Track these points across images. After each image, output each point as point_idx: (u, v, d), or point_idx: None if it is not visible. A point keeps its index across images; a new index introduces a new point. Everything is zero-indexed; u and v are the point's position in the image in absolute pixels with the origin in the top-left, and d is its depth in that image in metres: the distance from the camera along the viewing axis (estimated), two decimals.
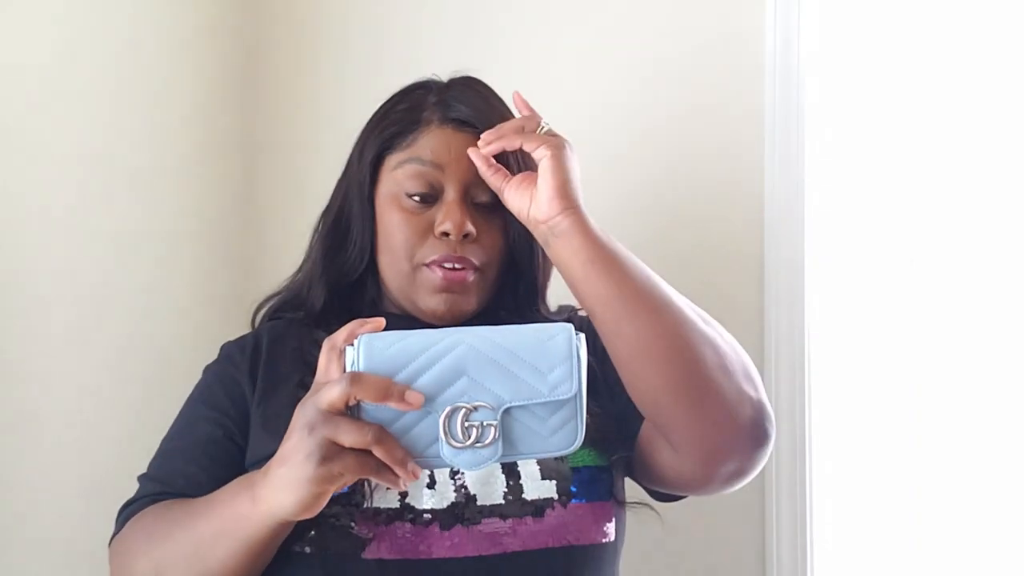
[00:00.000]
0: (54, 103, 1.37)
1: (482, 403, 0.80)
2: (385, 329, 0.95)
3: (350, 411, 0.81)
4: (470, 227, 1.06)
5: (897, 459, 1.38)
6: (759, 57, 1.44)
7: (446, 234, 1.06)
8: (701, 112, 1.48)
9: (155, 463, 1.07)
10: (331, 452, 0.79)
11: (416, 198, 1.08)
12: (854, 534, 1.40)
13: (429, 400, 0.79)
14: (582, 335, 0.84)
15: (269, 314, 1.17)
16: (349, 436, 0.79)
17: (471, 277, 1.07)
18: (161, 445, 1.09)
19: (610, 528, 1.01)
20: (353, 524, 0.94)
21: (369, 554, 0.93)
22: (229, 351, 1.13)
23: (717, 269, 1.45)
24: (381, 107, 1.15)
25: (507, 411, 0.81)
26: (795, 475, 1.38)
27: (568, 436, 0.82)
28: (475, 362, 0.80)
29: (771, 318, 1.41)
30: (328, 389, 0.80)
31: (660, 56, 1.50)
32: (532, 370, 0.81)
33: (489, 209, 1.09)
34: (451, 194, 1.08)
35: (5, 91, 1.30)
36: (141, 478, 1.06)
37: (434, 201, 1.09)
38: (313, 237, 1.16)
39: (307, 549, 0.94)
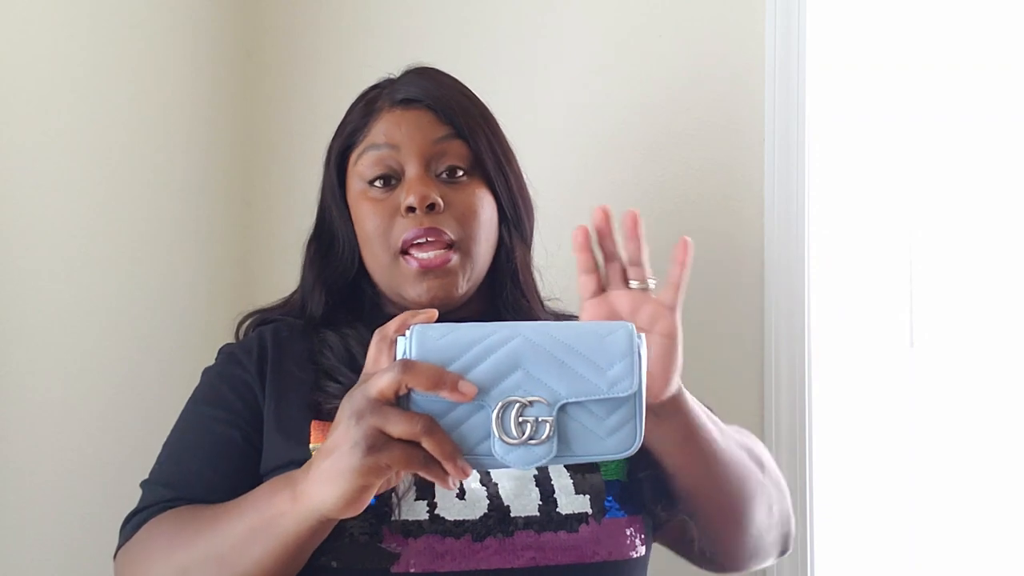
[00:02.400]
0: (52, 106, 1.37)
1: (537, 398, 0.75)
2: None
3: (399, 402, 0.77)
4: (434, 196, 1.04)
5: (898, 459, 1.38)
6: (759, 57, 1.44)
7: (411, 209, 1.04)
8: (701, 113, 1.48)
9: (163, 469, 1.03)
10: (378, 442, 0.75)
11: (378, 182, 1.07)
12: (854, 534, 1.40)
13: (482, 393, 0.75)
14: (643, 335, 0.79)
15: (258, 322, 1.14)
16: (398, 426, 0.74)
17: (452, 259, 1.05)
18: (165, 450, 1.04)
19: (641, 544, 0.99)
20: (381, 538, 0.91)
21: (398, 568, 0.91)
22: (232, 353, 1.09)
23: (717, 270, 1.45)
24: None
25: (563, 409, 0.75)
26: (795, 475, 1.38)
27: (626, 438, 0.76)
28: (531, 355, 0.76)
29: (771, 318, 1.41)
30: (378, 377, 0.76)
31: (660, 57, 1.50)
32: (590, 365, 0.76)
33: (457, 182, 1.07)
34: (411, 170, 1.06)
35: (2, 93, 1.30)
36: (146, 484, 1.02)
37: (398, 183, 1.07)
38: (304, 260, 1.15)
39: (333, 564, 0.91)
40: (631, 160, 1.51)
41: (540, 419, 0.75)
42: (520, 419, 0.75)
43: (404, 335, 0.78)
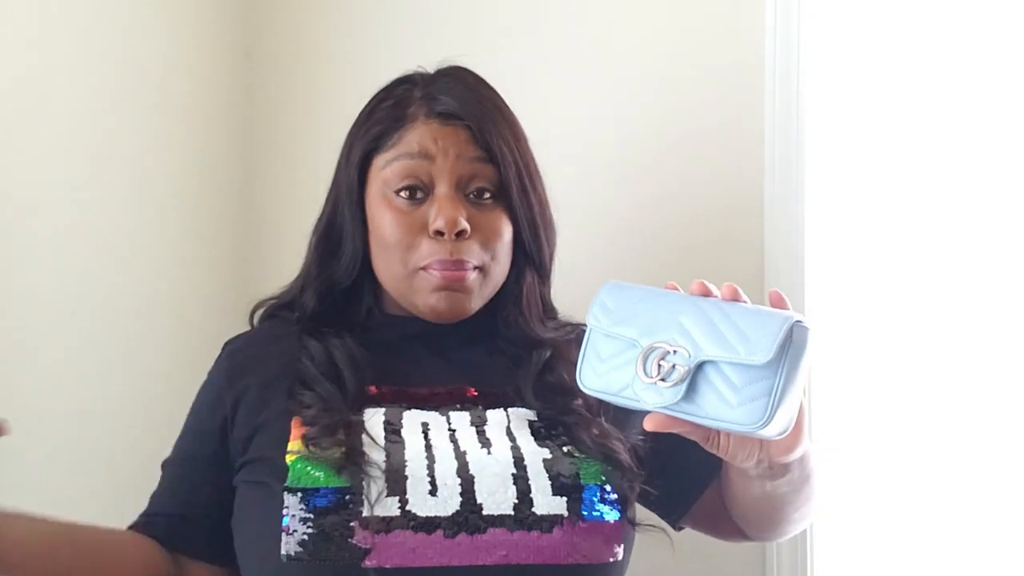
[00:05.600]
0: (52, 106, 1.37)
1: (681, 347, 0.80)
2: (386, 330, 1.09)
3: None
4: (464, 223, 1.03)
5: (898, 458, 1.38)
6: (759, 58, 1.44)
7: (440, 232, 1.03)
8: (701, 114, 1.48)
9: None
10: None
11: (405, 194, 1.05)
12: (854, 534, 1.40)
13: (642, 337, 0.82)
14: (810, 331, 0.80)
15: (266, 315, 1.15)
16: None
17: (471, 276, 1.05)
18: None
19: (619, 548, 0.98)
20: (352, 533, 0.91)
21: (369, 563, 0.91)
22: (211, 377, 1.12)
23: (717, 268, 1.45)
24: (367, 105, 1.12)
25: (703, 369, 0.79)
26: None
27: (755, 412, 0.77)
28: (692, 314, 0.81)
29: None
30: None
31: (659, 58, 1.50)
32: (738, 333, 0.79)
33: (483, 204, 1.06)
34: (442, 188, 1.05)
35: (2, 95, 1.30)
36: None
37: (425, 197, 1.05)
38: (309, 246, 1.14)
39: (305, 559, 0.91)
40: (630, 161, 1.51)
41: (676, 365, 0.80)
42: (660, 362, 0.80)
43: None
